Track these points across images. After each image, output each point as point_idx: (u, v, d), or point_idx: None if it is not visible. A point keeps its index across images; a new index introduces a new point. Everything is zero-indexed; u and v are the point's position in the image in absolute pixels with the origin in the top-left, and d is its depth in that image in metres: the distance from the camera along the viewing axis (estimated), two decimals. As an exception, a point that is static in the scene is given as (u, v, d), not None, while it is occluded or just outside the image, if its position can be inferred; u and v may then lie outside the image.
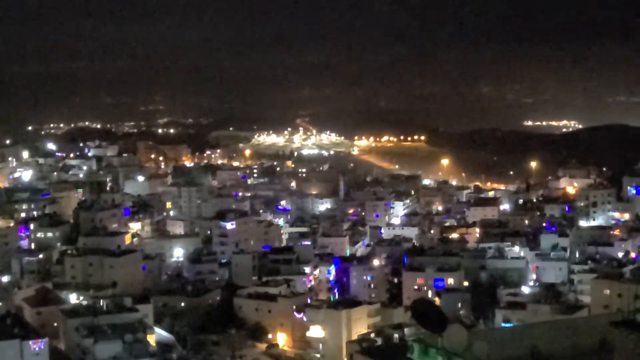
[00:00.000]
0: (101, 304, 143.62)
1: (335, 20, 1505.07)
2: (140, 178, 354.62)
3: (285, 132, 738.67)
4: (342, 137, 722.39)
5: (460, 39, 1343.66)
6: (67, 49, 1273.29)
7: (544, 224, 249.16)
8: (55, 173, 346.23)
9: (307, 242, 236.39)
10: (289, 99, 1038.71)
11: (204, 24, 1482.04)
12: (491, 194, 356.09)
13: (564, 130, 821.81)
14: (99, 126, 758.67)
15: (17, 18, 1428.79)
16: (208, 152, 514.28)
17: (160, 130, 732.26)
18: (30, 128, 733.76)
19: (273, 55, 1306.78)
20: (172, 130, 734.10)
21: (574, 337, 37.73)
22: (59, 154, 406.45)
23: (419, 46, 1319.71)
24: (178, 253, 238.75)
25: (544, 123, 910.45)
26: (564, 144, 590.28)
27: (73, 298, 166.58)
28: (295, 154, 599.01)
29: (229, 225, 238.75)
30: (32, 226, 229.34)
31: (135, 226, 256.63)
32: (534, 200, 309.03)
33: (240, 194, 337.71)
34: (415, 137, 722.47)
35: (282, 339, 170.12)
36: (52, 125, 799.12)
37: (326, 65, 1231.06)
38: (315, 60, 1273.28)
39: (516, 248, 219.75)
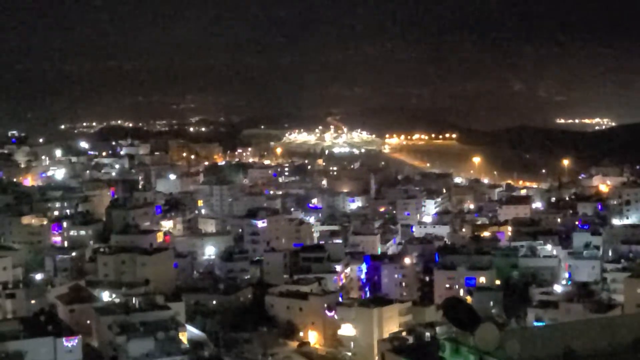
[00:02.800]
0: (133, 301, 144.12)
1: (367, 18, 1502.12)
2: (172, 176, 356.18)
3: (317, 131, 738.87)
4: (373, 135, 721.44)
5: (491, 37, 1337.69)
6: (99, 48, 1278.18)
7: (577, 223, 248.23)
8: (87, 171, 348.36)
9: (339, 241, 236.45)
10: (320, 97, 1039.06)
11: (235, 22, 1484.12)
12: (523, 192, 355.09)
13: (597, 128, 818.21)
14: (131, 125, 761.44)
15: (49, 17, 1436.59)
16: (239, 151, 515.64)
17: (192, 129, 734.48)
18: (63, 127, 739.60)
19: (305, 53, 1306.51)
20: (203, 129, 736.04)
21: (607, 337, 37.55)
22: (92, 153, 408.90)
23: (450, 44, 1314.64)
24: (210, 251, 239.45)
25: (577, 121, 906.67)
26: (596, 141, 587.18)
27: (106, 296, 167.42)
28: (327, 152, 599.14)
29: (260, 224, 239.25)
30: (65, 224, 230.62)
31: (167, 224, 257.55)
32: (567, 199, 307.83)
33: (271, 192, 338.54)
34: (447, 135, 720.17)
35: (313, 337, 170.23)
36: (84, 124, 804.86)
37: (358, 63, 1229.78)
38: (347, 59, 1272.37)
39: (548, 246, 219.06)
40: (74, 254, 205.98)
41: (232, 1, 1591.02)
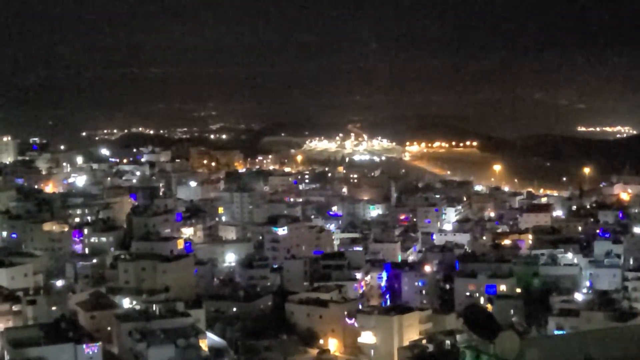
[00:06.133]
0: (154, 308, 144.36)
1: (388, 26, 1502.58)
2: (193, 183, 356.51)
3: (337, 138, 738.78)
4: (394, 143, 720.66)
5: (512, 45, 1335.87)
6: (121, 55, 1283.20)
7: (598, 231, 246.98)
8: (108, 178, 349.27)
9: (359, 248, 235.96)
10: (340, 104, 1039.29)
11: (256, 29, 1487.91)
12: (544, 200, 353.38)
13: (618, 136, 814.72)
14: (152, 132, 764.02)
15: (71, 24, 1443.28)
16: (260, 158, 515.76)
17: (212, 136, 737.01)
18: (84, 134, 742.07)
19: (325, 61, 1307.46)
20: (224, 136, 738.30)
21: (628, 345, 37.45)
22: (113, 160, 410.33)
23: (471, 52, 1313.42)
24: (230, 258, 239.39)
25: (598, 129, 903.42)
26: (617, 149, 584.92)
27: (126, 302, 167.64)
28: (347, 159, 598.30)
29: (281, 231, 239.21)
30: (86, 231, 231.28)
31: (187, 231, 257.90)
32: (588, 207, 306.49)
33: (291, 199, 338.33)
34: (468, 142, 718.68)
35: (333, 345, 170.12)
36: (105, 131, 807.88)
37: (378, 70, 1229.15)
38: (368, 66, 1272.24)
39: (569, 255, 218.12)
40: (94, 260, 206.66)
41: (254, 9, 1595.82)
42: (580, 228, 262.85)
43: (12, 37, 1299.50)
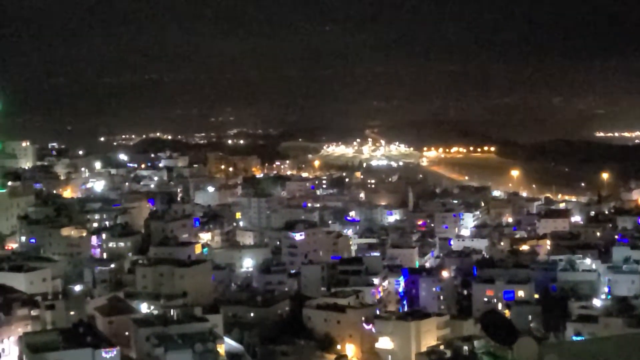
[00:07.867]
0: (172, 313, 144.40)
1: (405, 31, 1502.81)
2: (211, 189, 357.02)
3: (354, 143, 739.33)
4: (411, 148, 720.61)
5: (530, 50, 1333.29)
6: (139, 61, 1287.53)
7: (617, 236, 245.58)
8: (127, 183, 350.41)
9: (376, 253, 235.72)
10: (358, 109, 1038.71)
11: (273, 35, 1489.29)
12: (562, 205, 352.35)
13: (637, 141, 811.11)
14: (170, 137, 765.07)
15: (89, 30, 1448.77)
16: (277, 163, 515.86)
17: (230, 141, 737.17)
18: (102, 139, 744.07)
19: (342, 66, 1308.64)
20: (242, 141, 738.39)
21: (647, 352, 37.27)
22: (131, 165, 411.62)
23: (488, 57, 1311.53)
24: (247, 263, 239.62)
25: (616, 134, 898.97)
26: (637, 155, 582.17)
27: (144, 307, 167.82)
28: (364, 164, 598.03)
29: (298, 236, 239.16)
30: (104, 236, 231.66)
31: (205, 236, 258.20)
32: (606, 212, 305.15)
33: (309, 204, 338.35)
34: (485, 148, 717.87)
35: (350, 350, 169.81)
36: (124, 136, 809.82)
37: (395, 75, 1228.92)
38: (385, 71, 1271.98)
39: (587, 260, 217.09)
40: (112, 265, 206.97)
41: (271, 15, 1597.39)
42: (598, 234, 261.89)
43: (29, 43, 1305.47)
